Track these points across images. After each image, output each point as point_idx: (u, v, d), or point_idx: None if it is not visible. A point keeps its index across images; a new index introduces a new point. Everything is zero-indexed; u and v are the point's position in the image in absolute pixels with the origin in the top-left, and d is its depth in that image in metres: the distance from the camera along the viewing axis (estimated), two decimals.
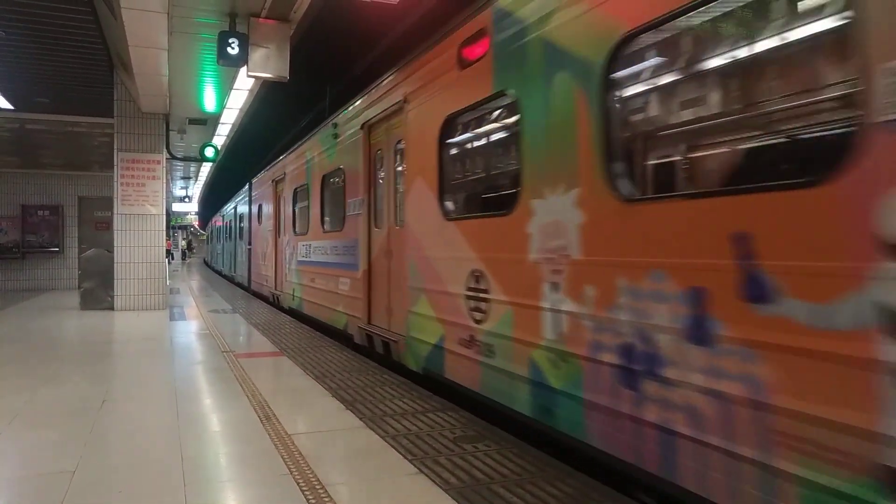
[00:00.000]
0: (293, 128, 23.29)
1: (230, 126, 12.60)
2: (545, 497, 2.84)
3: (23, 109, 12.06)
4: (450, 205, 4.99)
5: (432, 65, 5.15)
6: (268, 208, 13.33)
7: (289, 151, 11.40)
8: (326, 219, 8.75)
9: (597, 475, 3.23)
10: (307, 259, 9.45)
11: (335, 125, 8.16)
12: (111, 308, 10.76)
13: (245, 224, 17.39)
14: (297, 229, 10.41)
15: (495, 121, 4.66)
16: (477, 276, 4.31)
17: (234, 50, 6.64)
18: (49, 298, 13.48)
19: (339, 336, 7.88)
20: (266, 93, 10.48)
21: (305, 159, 9.85)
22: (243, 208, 17.87)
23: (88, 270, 11.21)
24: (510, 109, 4.19)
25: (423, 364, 5.25)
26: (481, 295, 4.25)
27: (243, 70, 7.14)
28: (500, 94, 4.13)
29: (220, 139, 13.78)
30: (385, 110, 6.25)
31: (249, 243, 16.22)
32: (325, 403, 4.55)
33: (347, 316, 7.45)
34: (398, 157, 6.17)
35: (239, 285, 18.14)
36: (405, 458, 3.36)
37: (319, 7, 7.50)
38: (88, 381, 5.33)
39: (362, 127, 6.93)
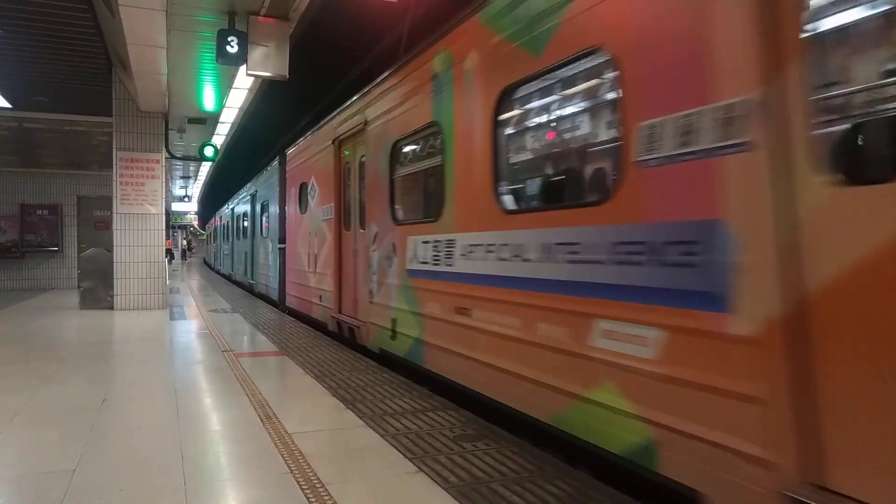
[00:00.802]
0: (294, 127, 23.29)
1: (230, 125, 12.60)
2: (545, 496, 2.84)
3: (21, 108, 12.03)
4: None
5: None
6: (320, 187, 8.89)
7: (374, 83, 6.76)
8: (505, 186, 4.28)
9: (597, 474, 3.23)
10: (445, 269, 4.92)
11: None
12: (111, 307, 10.75)
13: (272, 215, 12.89)
14: (401, 215, 6.09)
15: None
16: None
17: (233, 48, 6.64)
18: (48, 298, 13.47)
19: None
20: (266, 92, 10.47)
21: (433, 73, 5.18)
22: (269, 193, 13.37)
23: (88, 270, 11.21)
24: None
25: None
26: None
27: (242, 69, 7.13)
28: None
29: (219, 139, 13.77)
30: None
31: (282, 241, 11.64)
32: (325, 402, 4.55)
33: (674, 436, 2.77)
34: None
35: (261, 297, 13.99)
36: (405, 456, 3.36)
37: (319, 5, 7.42)
38: (88, 380, 5.33)
39: None
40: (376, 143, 6.58)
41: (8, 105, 11.52)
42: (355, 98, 7.39)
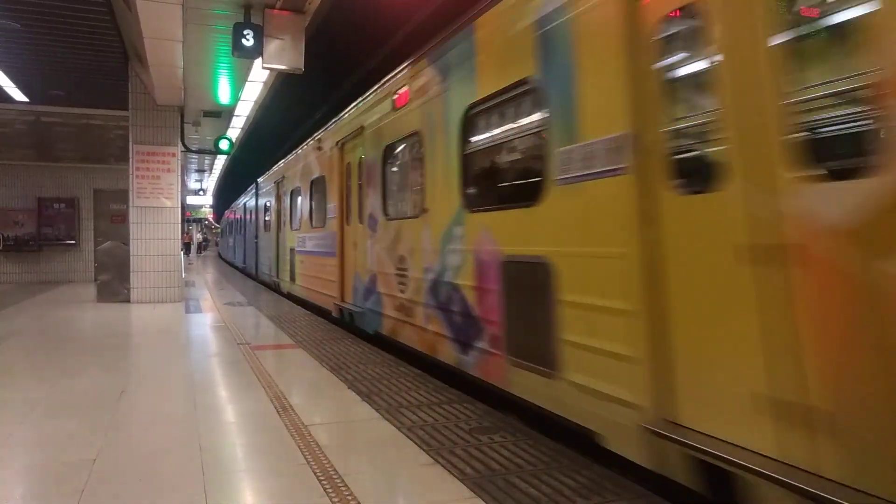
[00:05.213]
0: (309, 120, 23.32)
1: (245, 118, 12.65)
2: (561, 488, 2.83)
3: (38, 102, 12.19)
4: None
5: None
6: None
7: None
8: None
9: (612, 466, 3.21)
10: None
11: None
12: (127, 300, 10.86)
13: None
14: None
15: None
16: None
17: (248, 41, 6.65)
18: (66, 291, 13.63)
19: None
20: (281, 85, 10.49)
21: None
22: None
23: (105, 263, 11.31)
24: None
25: None
26: None
27: (258, 62, 7.15)
28: None
29: (234, 132, 13.83)
30: None
31: None
32: (341, 395, 4.57)
33: None
34: None
35: None
36: (421, 448, 3.36)
37: None
38: (107, 372, 5.39)
39: None
40: None
41: (25, 99, 11.66)
42: None
